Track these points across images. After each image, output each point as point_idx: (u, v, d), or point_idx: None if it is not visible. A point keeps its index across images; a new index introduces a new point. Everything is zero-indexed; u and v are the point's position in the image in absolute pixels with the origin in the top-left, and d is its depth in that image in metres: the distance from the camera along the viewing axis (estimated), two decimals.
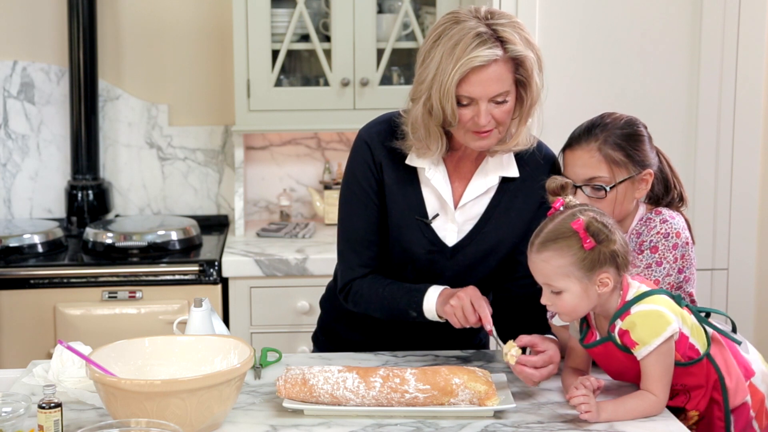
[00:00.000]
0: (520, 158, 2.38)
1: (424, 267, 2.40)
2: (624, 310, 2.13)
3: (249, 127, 3.82)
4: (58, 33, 4.00)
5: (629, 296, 2.14)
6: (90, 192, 3.99)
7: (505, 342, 2.22)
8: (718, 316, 2.35)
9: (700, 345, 2.18)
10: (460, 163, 2.39)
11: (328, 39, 3.83)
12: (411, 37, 3.85)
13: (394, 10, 3.87)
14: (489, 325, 2.25)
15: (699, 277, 3.48)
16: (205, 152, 4.12)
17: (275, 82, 3.81)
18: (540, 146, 2.42)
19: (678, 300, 2.17)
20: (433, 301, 2.32)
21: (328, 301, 2.63)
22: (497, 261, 2.42)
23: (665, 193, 2.42)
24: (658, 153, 2.43)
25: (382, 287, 2.39)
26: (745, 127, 3.54)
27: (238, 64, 3.76)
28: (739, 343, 2.29)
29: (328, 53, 3.80)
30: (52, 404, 1.95)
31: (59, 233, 3.80)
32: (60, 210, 4.08)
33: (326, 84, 3.85)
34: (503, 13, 2.24)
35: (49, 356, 2.97)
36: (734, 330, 2.29)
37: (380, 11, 3.85)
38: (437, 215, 2.38)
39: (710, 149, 3.53)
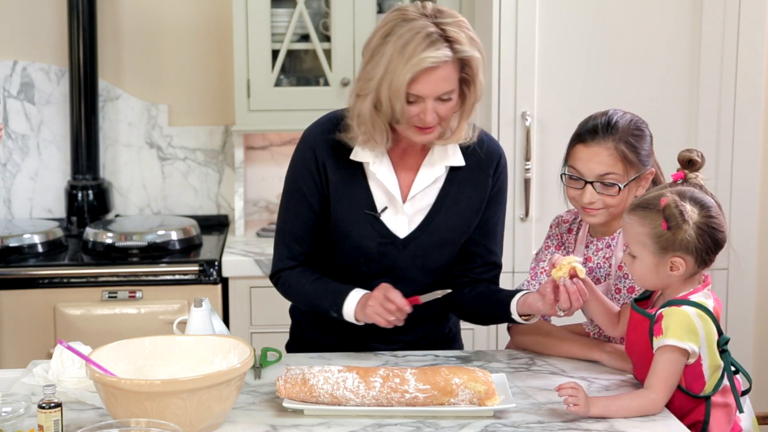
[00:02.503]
0: (467, 148, 2.41)
1: (377, 260, 2.43)
2: (681, 302, 2.14)
3: (249, 127, 3.82)
4: (58, 33, 4.00)
5: (696, 296, 2.15)
6: (90, 192, 3.99)
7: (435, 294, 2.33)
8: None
9: (706, 388, 2.17)
10: (405, 155, 2.41)
11: (328, 39, 3.83)
12: None
13: None
14: (408, 307, 2.30)
15: None
16: (205, 152, 4.12)
17: (275, 82, 3.81)
18: (487, 137, 2.46)
19: (722, 341, 2.17)
20: (352, 306, 2.37)
21: (296, 309, 2.64)
22: (450, 251, 2.46)
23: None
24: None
25: (308, 283, 2.44)
26: (745, 127, 3.54)
27: (238, 64, 3.76)
28: (742, 411, 2.26)
29: (328, 53, 3.80)
30: (52, 404, 1.95)
31: (59, 233, 3.80)
32: (60, 210, 4.08)
33: (326, 84, 3.85)
34: (449, 12, 2.27)
35: (49, 356, 2.97)
36: (748, 390, 2.27)
37: (380, 11, 3.85)
38: (386, 208, 2.40)
39: (710, 149, 3.52)
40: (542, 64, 3.49)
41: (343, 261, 2.47)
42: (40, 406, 1.95)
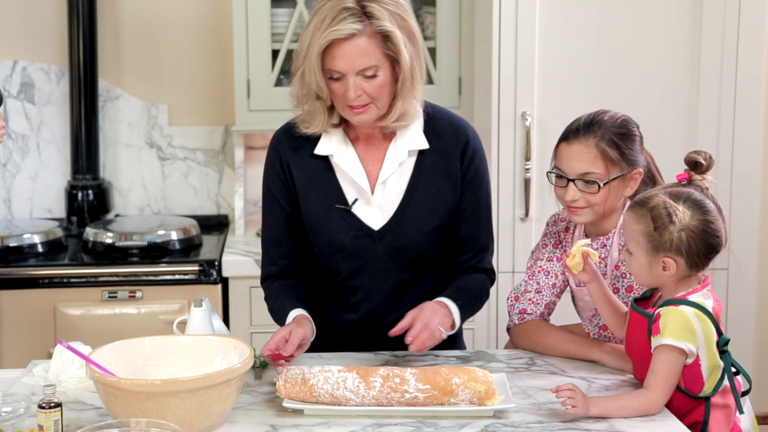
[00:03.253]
0: (435, 131, 2.40)
1: (353, 255, 2.42)
2: (679, 301, 2.13)
3: (249, 127, 3.82)
4: (58, 33, 4.00)
5: (694, 296, 2.14)
6: (90, 192, 3.99)
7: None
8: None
9: (705, 388, 2.16)
10: (370, 145, 2.41)
11: None
12: None
13: None
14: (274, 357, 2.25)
15: None
16: (205, 152, 4.12)
17: (275, 82, 3.80)
18: (455, 118, 2.44)
19: (722, 342, 2.15)
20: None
21: None
22: (426, 241, 2.43)
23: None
24: (645, 153, 2.46)
25: (275, 297, 2.46)
26: (745, 127, 3.54)
27: (238, 64, 3.76)
28: (742, 412, 2.24)
29: None
30: (52, 404, 1.95)
31: (59, 233, 3.80)
32: (60, 210, 4.08)
33: None
34: None
35: (49, 356, 2.97)
36: (748, 391, 2.26)
37: None
38: (356, 200, 2.40)
39: (710, 149, 3.51)
40: (542, 64, 3.49)
41: (322, 261, 2.47)
42: (40, 406, 1.95)
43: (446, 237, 2.46)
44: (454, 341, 2.62)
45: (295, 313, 2.37)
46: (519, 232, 3.55)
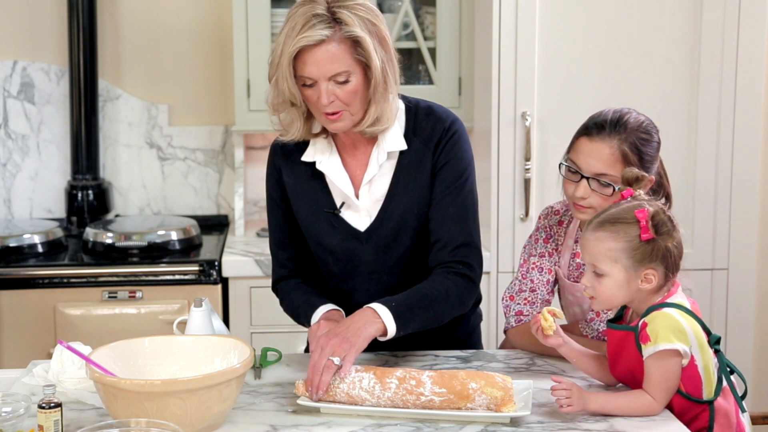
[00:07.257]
0: (415, 129, 2.40)
1: (343, 257, 2.45)
2: (659, 306, 2.11)
3: (249, 127, 3.82)
4: (58, 33, 4.00)
5: (672, 298, 2.12)
6: (90, 192, 3.99)
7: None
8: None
9: (707, 391, 2.14)
10: (356, 149, 2.42)
11: None
12: (411, 37, 3.85)
13: (394, 10, 3.87)
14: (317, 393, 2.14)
15: (699, 277, 3.48)
16: (205, 152, 4.12)
17: None
18: (435, 113, 2.42)
19: (713, 340, 2.14)
20: (316, 320, 2.36)
21: None
22: (409, 238, 2.42)
23: (655, 192, 2.44)
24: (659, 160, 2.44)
25: (295, 292, 2.48)
26: (745, 127, 3.54)
27: (238, 64, 3.76)
28: (744, 411, 2.22)
29: None
30: (52, 404, 1.95)
31: (59, 233, 3.80)
32: (60, 210, 4.08)
33: None
34: None
35: (49, 356, 2.97)
36: (744, 393, 2.25)
37: (380, 11, 3.84)
38: (343, 204, 2.42)
39: (710, 149, 3.53)
40: (542, 64, 3.49)
41: (319, 265, 2.51)
42: (40, 406, 1.95)
43: (424, 234, 2.44)
44: (468, 340, 2.61)
45: (325, 308, 2.38)
46: (519, 232, 3.55)
